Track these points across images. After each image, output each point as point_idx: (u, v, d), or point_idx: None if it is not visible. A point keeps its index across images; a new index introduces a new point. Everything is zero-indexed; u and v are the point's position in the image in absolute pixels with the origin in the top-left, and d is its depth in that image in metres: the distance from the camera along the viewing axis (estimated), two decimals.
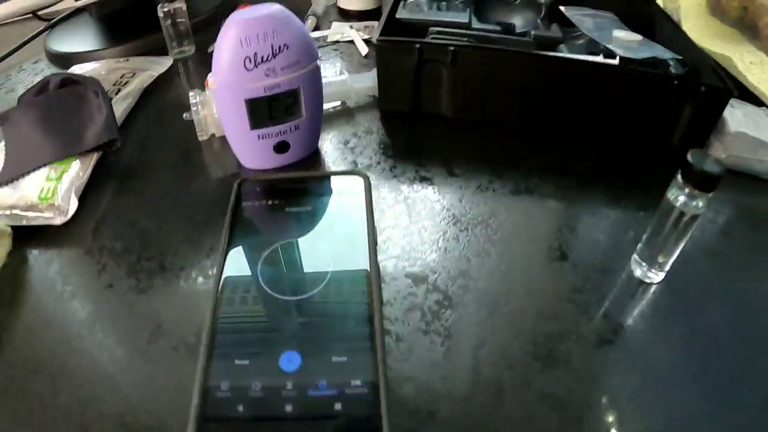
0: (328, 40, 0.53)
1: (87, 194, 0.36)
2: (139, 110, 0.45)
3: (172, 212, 0.35)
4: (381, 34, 0.40)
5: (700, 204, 0.26)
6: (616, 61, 0.40)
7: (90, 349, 0.27)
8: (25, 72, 0.54)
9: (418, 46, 0.37)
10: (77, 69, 0.51)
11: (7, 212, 0.35)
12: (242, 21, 0.32)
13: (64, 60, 0.54)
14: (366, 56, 0.51)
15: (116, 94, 0.44)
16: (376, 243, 0.30)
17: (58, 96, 0.42)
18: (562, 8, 0.51)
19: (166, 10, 0.50)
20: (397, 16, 0.43)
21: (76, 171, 0.36)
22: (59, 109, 0.41)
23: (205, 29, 0.56)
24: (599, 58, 0.40)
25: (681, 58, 0.43)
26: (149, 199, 0.36)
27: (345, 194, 0.33)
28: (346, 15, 0.60)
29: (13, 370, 0.26)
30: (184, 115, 0.40)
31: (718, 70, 0.39)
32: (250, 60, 0.32)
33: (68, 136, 0.38)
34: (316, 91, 0.36)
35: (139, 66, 0.49)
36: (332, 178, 0.35)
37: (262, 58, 0.32)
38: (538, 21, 0.49)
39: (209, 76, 0.38)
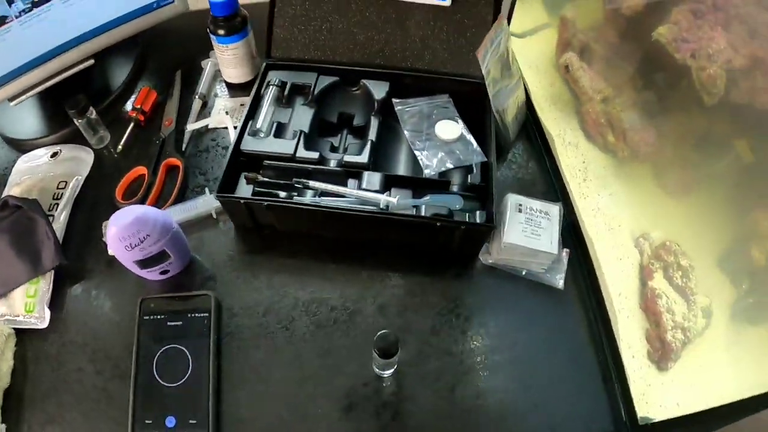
0: (210, 127, 0.67)
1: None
2: (74, 218, 0.63)
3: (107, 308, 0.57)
4: (229, 161, 0.56)
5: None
6: (394, 201, 0.55)
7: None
8: None
9: (243, 201, 0.54)
10: (23, 161, 0.67)
11: (1, 318, 0.57)
12: (117, 227, 0.50)
13: (11, 142, 0.70)
14: None
15: (56, 208, 0.62)
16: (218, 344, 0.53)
17: (17, 221, 0.61)
18: (394, 101, 0.63)
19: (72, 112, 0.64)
20: (242, 147, 0.58)
21: (42, 288, 0.58)
22: (22, 233, 0.60)
23: (119, 106, 0.70)
24: (381, 201, 0.55)
25: (485, 160, 0.58)
26: (89, 302, 0.58)
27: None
28: (230, 87, 0.72)
29: None
30: (103, 239, 0.59)
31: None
32: (127, 247, 0.51)
33: (33, 260, 0.59)
34: (178, 242, 0.55)
35: (68, 170, 0.65)
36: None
37: (133, 245, 0.51)
38: (372, 116, 0.62)
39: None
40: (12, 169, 0.67)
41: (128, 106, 0.72)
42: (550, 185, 0.64)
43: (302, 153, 0.58)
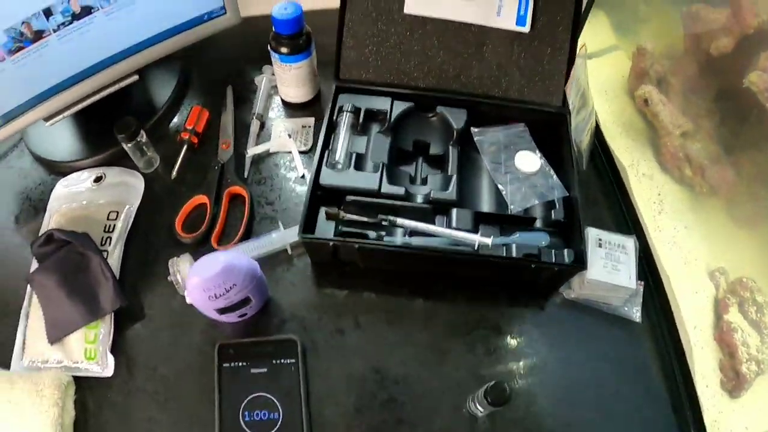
0: (271, 151, 0.63)
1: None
2: (128, 251, 0.58)
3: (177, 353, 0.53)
4: (308, 204, 0.53)
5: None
6: (488, 243, 0.53)
7: None
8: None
9: (331, 243, 0.51)
10: (62, 185, 0.62)
11: (58, 365, 0.52)
12: (202, 278, 0.46)
13: (46, 164, 0.64)
14: (303, 176, 0.62)
15: (108, 242, 0.57)
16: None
17: (66, 258, 0.55)
18: (473, 130, 0.61)
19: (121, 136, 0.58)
20: (321, 182, 0.55)
21: (104, 333, 0.54)
22: (74, 271, 0.55)
23: (164, 124, 0.65)
24: (477, 242, 0.53)
25: (567, 195, 0.57)
26: (156, 346, 0.54)
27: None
28: (288, 106, 0.67)
29: None
30: (168, 278, 0.55)
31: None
32: (211, 297, 0.47)
33: (89, 302, 0.54)
34: (261, 287, 0.52)
35: (117, 198, 0.60)
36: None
37: (218, 295, 0.47)
38: (450, 146, 0.59)
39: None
40: (50, 194, 0.61)
41: (174, 123, 0.67)
42: (621, 216, 0.64)
43: (387, 188, 0.55)
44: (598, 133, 0.67)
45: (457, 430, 0.51)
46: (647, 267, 0.61)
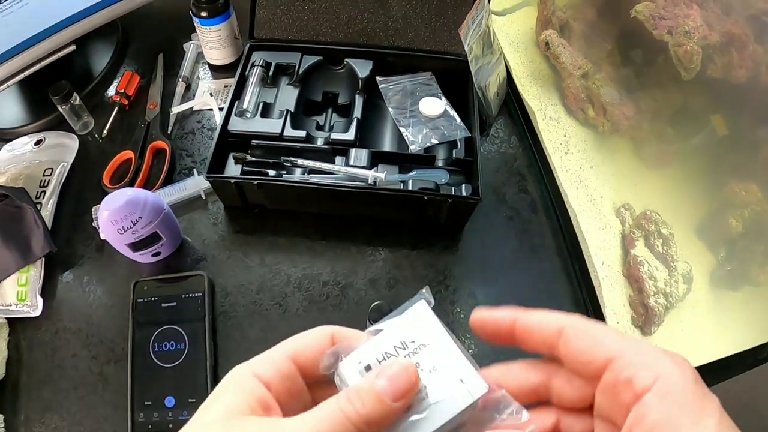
0: (194, 109, 0.67)
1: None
2: (61, 205, 0.63)
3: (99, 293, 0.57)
4: (217, 142, 0.57)
5: None
6: (382, 177, 0.56)
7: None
8: None
9: (233, 181, 0.55)
10: (6, 150, 0.67)
11: None
12: (109, 210, 0.50)
13: None
14: None
15: (43, 196, 0.62)
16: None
17: (4, 210, 0.60)
18: (378, 78, 0.64)
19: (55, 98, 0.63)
20: (229, 128, 0.58)
21: (33, 276, 0.58)
22: (9, 221, 0.60)
23: (101, 91, 0.70)
24: (369, 177, 0.56)
25: (469, 135, 0.59)
26: (82, 288, 0.58)
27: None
28: (213, 69, 0.72)
29: None
30: (93, 224, 0.59)
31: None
32: (119, 230, 0.51)
33: (22, 249, 0.58)
34: (170, 224, 0.55)
35: (53, 157, 0.65)
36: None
37: (126, 228, 0.51)
38: (356, 94, 0.63)
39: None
40: None
41: (111, 91, 0.72)
42: (532, 159, 0.66)
43: (289, 132, 0.58)
44: (510, 83, 0.69)
45: None
46: (556, 205, 0.63)
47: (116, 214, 0.51)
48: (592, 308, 0.58)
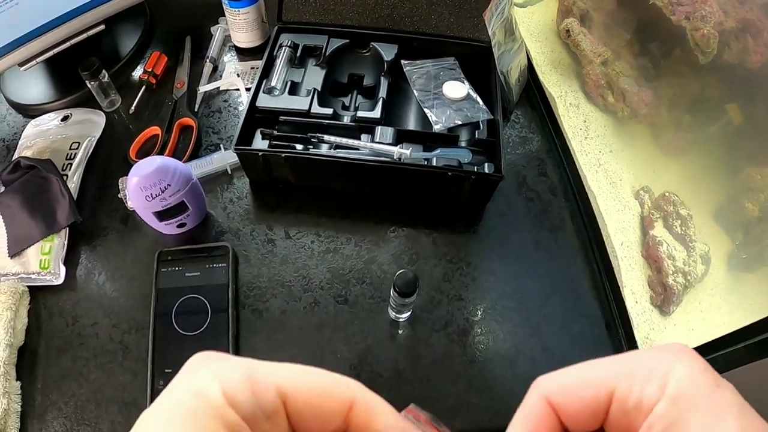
0: (221, 89, 0.69)
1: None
2: (87, 178, 0.64)
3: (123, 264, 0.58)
4: (245, 117, 0.57)
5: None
6: (407, 153, 0.57)
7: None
8: None
9: (261, 154, 0.55)
10: (33, 125, 0.68)
11: (15, 277, 0.57)
12: (139, 176, 0.51)
13: (19, 108, 0.70)
14: None
15: (69, 168, 0.63)
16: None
17: (30, 181, 0.61)
18: (403, 62, 0.65)
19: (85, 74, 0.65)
20: (257, 104, 0.59)
21: (57, 245, 0.58)
22: (35, 192, 0.61)
23: (129, 71, 0.71)
24: (395, 153, 0.57)
25: (492, 118, 0.60)
26: (105, 258, 0.59)
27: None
28: (240, 51, 0.73)
29: None
30: (119, 195, 0.60)
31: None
32: (147, 197, 0.52)
33: (47, 218, 0.59)
34: (196, 194, 0.56)
35: (80, 132, 0.66)
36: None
37: (154, 195, 0.52)
38: (381, 76, 0.64)
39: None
40: (21, 134, 0.68)
41: (138, 71, 0.73)
42: (552, 144, 0.67)
43: (316, 109, 0.59)
44: (531, 71, 0.71)
45: (378, 334, 0.53)
46: (575, 188, 0.64)
47: (146, 181, 0.51)
48: (610, 289, 0.58)
